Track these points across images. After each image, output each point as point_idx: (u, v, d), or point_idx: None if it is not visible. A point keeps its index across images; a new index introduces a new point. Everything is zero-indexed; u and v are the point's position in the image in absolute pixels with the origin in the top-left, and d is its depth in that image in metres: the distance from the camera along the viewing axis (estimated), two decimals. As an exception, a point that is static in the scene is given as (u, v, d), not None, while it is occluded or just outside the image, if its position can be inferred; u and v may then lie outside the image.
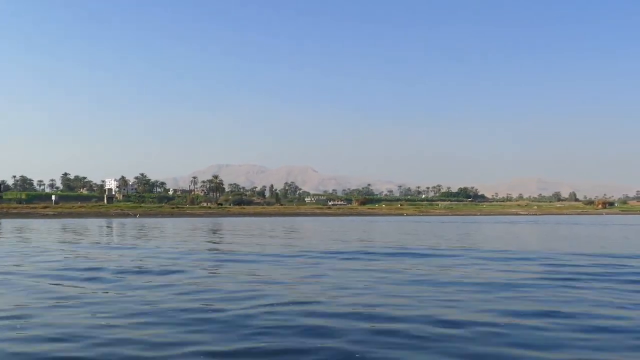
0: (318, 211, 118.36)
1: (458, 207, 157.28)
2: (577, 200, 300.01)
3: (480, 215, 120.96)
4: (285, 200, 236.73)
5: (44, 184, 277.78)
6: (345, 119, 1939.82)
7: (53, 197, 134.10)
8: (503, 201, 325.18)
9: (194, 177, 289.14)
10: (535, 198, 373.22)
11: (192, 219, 79.76)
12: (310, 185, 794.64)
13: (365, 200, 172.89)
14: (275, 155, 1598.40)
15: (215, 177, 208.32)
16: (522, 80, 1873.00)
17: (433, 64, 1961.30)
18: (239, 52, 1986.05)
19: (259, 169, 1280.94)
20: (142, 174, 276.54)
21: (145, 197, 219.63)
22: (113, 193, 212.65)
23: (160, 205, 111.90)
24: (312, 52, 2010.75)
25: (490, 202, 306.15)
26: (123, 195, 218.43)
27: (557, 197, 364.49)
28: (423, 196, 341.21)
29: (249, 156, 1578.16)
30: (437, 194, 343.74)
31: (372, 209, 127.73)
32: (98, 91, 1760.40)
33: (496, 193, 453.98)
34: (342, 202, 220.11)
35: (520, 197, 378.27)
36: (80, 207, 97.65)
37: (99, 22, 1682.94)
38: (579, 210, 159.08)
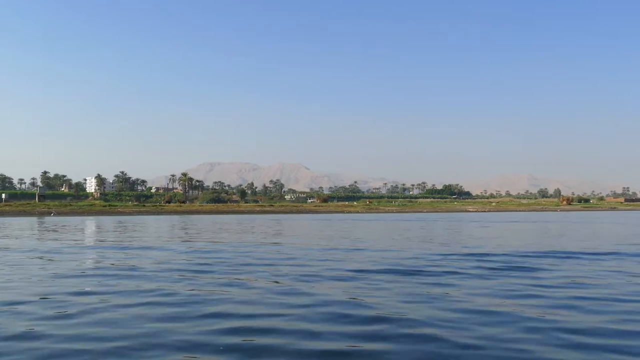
0: (258, 209, 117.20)
1: (412, 205, 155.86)
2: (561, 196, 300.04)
3: (427, 212, 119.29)
4: (266, 198, 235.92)
5: (24, 183, 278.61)
6: (340, 117, 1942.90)
7: (3, 196, 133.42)
8: (488, 198, 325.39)
9: (172, 175, 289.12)
10: (523, 195, 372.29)
11: (111, 217, 78.89)
12: (303, 183, 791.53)
13: (327, 198, 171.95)
14: (268, 153, 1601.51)
15: (185, 174, 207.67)
16: (521, 80, 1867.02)
17: (432, 63, 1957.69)
18: (236, 52, 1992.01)
19: (252, 166, 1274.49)
20: (122, 172, 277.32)
21: (122, 196, 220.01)
22: (88, 190, 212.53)
23: (91, 204, 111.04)
24: (309, 51, 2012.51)
25: (474, 198, 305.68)
26: (100, 194, 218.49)
27: (543, 194, 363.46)
28: (410, 193, 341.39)
29: (242, 154, 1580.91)
30: (423, 191, 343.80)
31: (319, 206, 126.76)
32: (94, 91, 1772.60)
33: (485, 190, 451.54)
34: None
35: (508, 194, 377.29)
36: (6, 205, 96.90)
37: (99, 22, 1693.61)
38: (540, 207, 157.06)
